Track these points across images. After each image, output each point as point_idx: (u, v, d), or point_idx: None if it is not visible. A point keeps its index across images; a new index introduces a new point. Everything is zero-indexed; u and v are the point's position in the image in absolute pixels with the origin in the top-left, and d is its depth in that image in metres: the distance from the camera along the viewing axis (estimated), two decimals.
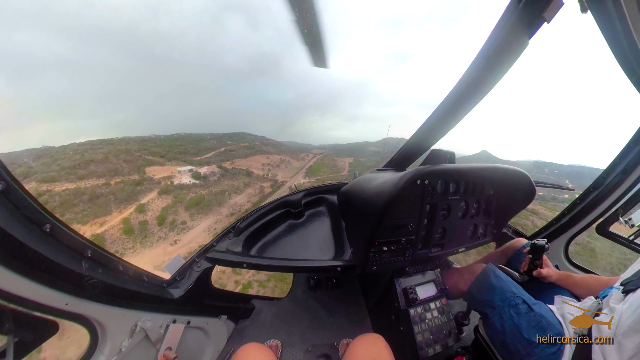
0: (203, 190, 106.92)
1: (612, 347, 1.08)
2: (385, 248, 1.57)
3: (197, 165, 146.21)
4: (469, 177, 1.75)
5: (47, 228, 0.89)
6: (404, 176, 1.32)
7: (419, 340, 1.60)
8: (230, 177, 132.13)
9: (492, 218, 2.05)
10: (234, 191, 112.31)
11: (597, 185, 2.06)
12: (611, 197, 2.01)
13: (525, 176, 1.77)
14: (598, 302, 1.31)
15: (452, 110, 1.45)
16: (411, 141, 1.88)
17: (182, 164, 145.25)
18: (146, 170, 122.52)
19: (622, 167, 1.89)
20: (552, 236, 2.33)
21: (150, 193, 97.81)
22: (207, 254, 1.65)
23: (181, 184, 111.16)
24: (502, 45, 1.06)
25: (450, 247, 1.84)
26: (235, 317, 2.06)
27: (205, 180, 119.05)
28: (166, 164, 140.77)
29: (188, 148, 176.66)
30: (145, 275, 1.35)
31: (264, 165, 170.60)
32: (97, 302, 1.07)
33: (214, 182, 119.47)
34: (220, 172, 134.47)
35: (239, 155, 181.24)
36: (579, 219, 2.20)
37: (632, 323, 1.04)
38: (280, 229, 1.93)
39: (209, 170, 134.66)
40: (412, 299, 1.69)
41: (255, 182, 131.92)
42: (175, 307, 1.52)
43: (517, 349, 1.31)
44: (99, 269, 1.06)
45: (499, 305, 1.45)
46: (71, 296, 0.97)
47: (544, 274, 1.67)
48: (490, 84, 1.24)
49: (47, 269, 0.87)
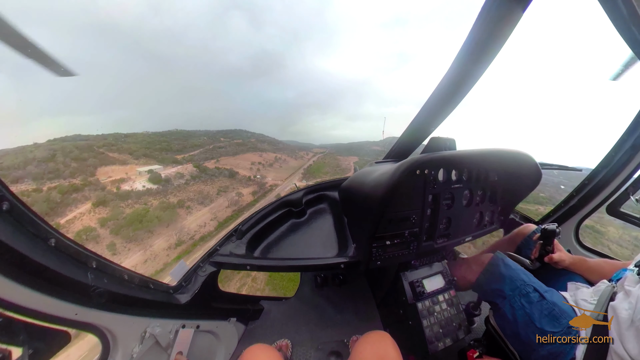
0: (156, 200, 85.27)
1: (631, 333, 1.04)
2: (389, 242, 1.55)
3: (172, 164, 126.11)
4: (471, 163, 1.71)
5: (52, 242, 0.93)
6: (400, 166, 1.28)
7: (428, 335, 1.58)
8: (205, 179, 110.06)
9: (498, 205, 2.00)
10: (200, 201, 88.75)
11: (605, 164, 1.98)
12: (621, 176, 1.94)
13: (530, 158, 1.71)
14: (612, 286, 1.26)
15: (450, 93, 1.43)
16: (409, 130, 1.85)
17: (152, 162, 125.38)
18: (98, 172, 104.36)
19: (630, 142, 1.81)
20: (561, 219, 2.27)
21: (83, 204, 77.53)
22: (211, 259, 1.67)
23: (131, 190, 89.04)
24: (494, 23, 1.04)
25: (457, 237, 1.80)
26: (245, 319, 2.08)
27: (167, 185, 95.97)
28: (130, 162, 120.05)
29: (172, 145, 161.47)
30: (151, 282, 1.38)
31: (254, 164, 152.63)
32: (106, 310, 1.11)
33: (177, 188, 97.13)
34: (195, 173, 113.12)
35: (228, 153, 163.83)
36: (588, 200, 2.13)
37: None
38: (282, 229, 1.93)
39: (181, 170, 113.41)
40: (419, 293, 1.67)
41: (236, 185, 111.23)
42: (184, 312, 1.54)
43: (529, 340, 1.28)
44: (104, 278, 1.10)
45: (510, 295, 1.42)
46: (80, 306, 1.01)
47: (555, 259, 1.62)
48: (487, 60, 1.22)
49: (55, 281, 0.91)
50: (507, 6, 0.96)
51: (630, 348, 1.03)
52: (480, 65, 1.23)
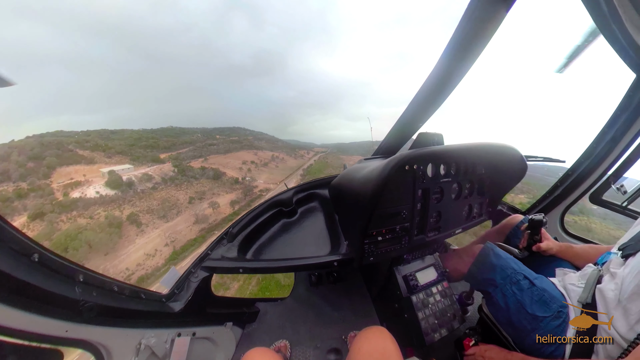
0: (106, 211, 67.95)
1: (619, 312, 1.09)
2: (380, 238, 1.56)
3: (151, 162, 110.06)
4: (458, 157, 1.74)
5: (36, 258, 0.89)
6: (389, 162, 1.28)
7: (424, 326, 1.61)
8: (180, 183, 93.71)
9: (486, 197, 2.05)
10: (162, 214, 71.05)
11: (587, 155, 2.06)
12: (602, 166, 2.02)
13: (516, 151, 1.76)
14: (598, 269, 1.31)
15: (437, 89, 1.44)
16: (397, 126, 1.86)
17: (125, 160, 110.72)
18: (57, 173, 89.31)
19: (610, 135, 1.89)
20: (546, 209, 2.35)
21: (21, 215, 64.67)
22: (202, 264, 1.64)
23: (80, 197, 72.73)
24: (480, 19, 1.05)
25: (447, 229, 1.83)
26: (242, 322, 2.06)
27: (127, 190, 79.80)
28: (99, 161, 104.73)
29: (160, 142, 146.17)
30: (142, 292, 1.35)
31: (245, 163, 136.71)
32: (97, 325, 1.08)
33: (140, 194, 78.98)
34: (170, 175, 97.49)
35: (219, 151, 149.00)
36: (572, 190, 2.21)
37: (635, 287, 1.05)
38: (274, 230, 1.91)
39: (151, 172, 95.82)
40: (413, 286, 1.70)
41: (218, 190, 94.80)
42: (178, 320, 1.52)
43: (522, 325, 1.32)
44: (93, 292, 1.07)
45: (501, 283, 1.46)
46: (70, 322, 0.97)
47: (543, 247, 1.68)
48: (472, 57, 1.24)
49: (41, 298, 0.88)
50: (492, 5, 0.98)
51: (618, 326, 1.07)
52: (466, 62, 1.25)
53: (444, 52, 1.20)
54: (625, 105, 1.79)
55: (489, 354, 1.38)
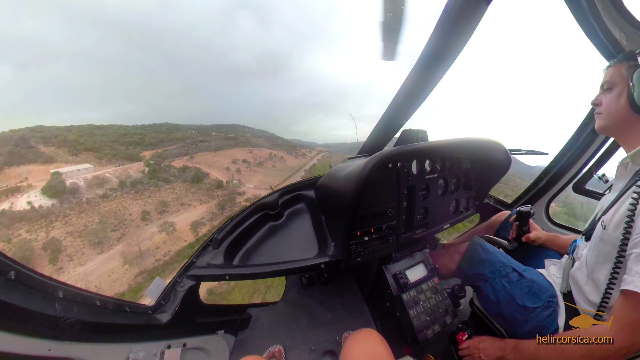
0: (27, 231, 50.40)
1: (590, 287, 1.18)
2: (367, 238, 1.55)
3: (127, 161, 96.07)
4: (444, 153, 1.75)
5: (12, 275, 0.87)
6: (369, 161, 1.27)
7: (417, 324, 1.60)
8: (145, 188, 75.13)
9: (472, 191, 2.07)
10: (96, 241, 49.61)
11: (569, 147, 2.12)
12: (584, 157, 2.08)
13: (500, 145, 1.79)
14: (571, 258, 1.39)
15: (417, 86, 1.44)
16: (380, 125, 1.85)
17: (91, 158, 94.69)
18: (2, 174, 74.93)
19: (591, 126, 1.93)
20: (532, 200, 2.41)
21: None
22: (188, 272, 1.60)
23: (8, 210, 56.99)
24: (461, 14, 1.05)
25: (435, 225, 1.84)
26: (234, 330, 2.01)
27: (69, 199, 62.26)
28: (60, 159, 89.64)
29: (147, 138, 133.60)
30: (127, 305, 1.31)
31: (236, 162, 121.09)
32: (81, 341, 1.05)
33: (83, 205, 61.66)
34: (137, 178, 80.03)
35: (210, 148, 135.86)
36: (556, 181, 2.27)
37: (595, 258, 1.16)
38: (260, 234, 1.88)
39: (116, 173, 79.95)
40: (403, 284, 1.69)
41: (190, 200, 75.08)
42: (167, 332, 1.48)
43: (514, 317, 1.36)
44: (74, 307, 1.04)
45: (490, 277, 1.49)
46: (52, 341, 0.95)
47: (532, 237, 1.72)
48: (453, 54, 1.24)
49: (21, 317, 0.86)
50: (470, 5, 0.99)
51: (592, 298, 1.17)
52: (447, 59, 1.25)
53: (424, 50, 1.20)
54: None
55: (482, 345, 1.41)
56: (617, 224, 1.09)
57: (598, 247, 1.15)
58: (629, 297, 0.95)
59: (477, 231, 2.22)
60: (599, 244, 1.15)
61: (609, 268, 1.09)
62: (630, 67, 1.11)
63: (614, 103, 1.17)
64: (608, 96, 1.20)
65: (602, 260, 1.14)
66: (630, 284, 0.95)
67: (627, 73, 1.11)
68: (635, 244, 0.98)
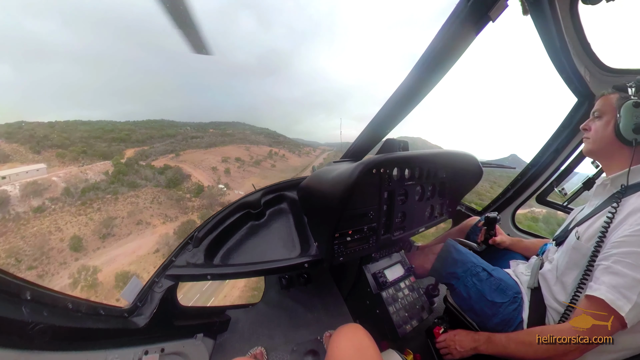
0: None
1: (558, 287, 1.30)
2: (349, 238, 1.60)
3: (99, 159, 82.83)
4: (422, 163, 1.86)
5: None
6: (357, 166, 1.33)
7: (396, 320, 1.69)
8: (96, 198, 58.02)
9: (446, 198, 2.23)
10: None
11: (534, 163, 2.39)
12: (547, 172, 2.35)
13: (473, 158, 1.96)
14: (540, 259, 1.54)
15: (402, 103, 1.56)
16: (365, 133, 1.94)
17: (52, 157, 79.87)
18: None
19: (554, 147, 2.22)
20: (500, 208, 2.65)
21: None
22: (166, 272, 1.51)
23: None
24: (451, 39, 1.16)
25: (411, 228, 1.95)
26: (213, 333, 1.95)
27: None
28: (20, 159, 76.73)
29: (134, 135, 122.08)
30: (101, 308, 1.21)
31: (226, 161, 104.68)
32: (53, 350, 0.95)
33: (7, 223, 46.35)
34: (94, 182, 64.22)
35: (200, 145, 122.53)
36: (521, 192, 2.53)
37: (565, 263, 1.27)
38: (242, 233, 1.84)
39: (68, 175, 64.18)
40: (382, 282, 1.77)
41: (147, 216, 56.28)
42: (144, 337, 1.39)
43: (484, 311, 1.49)
44: (43, 311, 0.92)
45: (462, 276, 1.62)
46: (20, 350, 0.84)
47: (498, 241, 1.91)
48: (438, 76, 1.36)
49: None
50: (473, 18, 1.08)
51: (560, 298, 1.28)
52: (435, 76, 1.36)
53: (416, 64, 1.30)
54: (567, 122, 2.14)
55: (458, 337, 1.51)
56: (590, 237, 1.19)
57: (570, 254, 1.26)
58: (593, 302, 1.06)
59: (449, 234, 2.38)
60: (571, 251, 1.25)
61: (578, 274, 1.20)
62: (621, 99, 1.18)
63: (602, 130, 1.24)
64: (597, 123, 1.27)
65: (572, 266, 1.24)
66: (596, 291, 1.05)
67: (617, 104, 1.18)
68: (605, 257, 1.08)
